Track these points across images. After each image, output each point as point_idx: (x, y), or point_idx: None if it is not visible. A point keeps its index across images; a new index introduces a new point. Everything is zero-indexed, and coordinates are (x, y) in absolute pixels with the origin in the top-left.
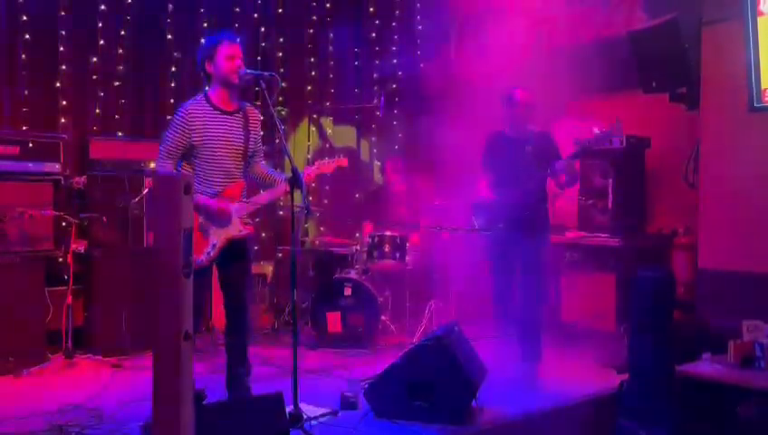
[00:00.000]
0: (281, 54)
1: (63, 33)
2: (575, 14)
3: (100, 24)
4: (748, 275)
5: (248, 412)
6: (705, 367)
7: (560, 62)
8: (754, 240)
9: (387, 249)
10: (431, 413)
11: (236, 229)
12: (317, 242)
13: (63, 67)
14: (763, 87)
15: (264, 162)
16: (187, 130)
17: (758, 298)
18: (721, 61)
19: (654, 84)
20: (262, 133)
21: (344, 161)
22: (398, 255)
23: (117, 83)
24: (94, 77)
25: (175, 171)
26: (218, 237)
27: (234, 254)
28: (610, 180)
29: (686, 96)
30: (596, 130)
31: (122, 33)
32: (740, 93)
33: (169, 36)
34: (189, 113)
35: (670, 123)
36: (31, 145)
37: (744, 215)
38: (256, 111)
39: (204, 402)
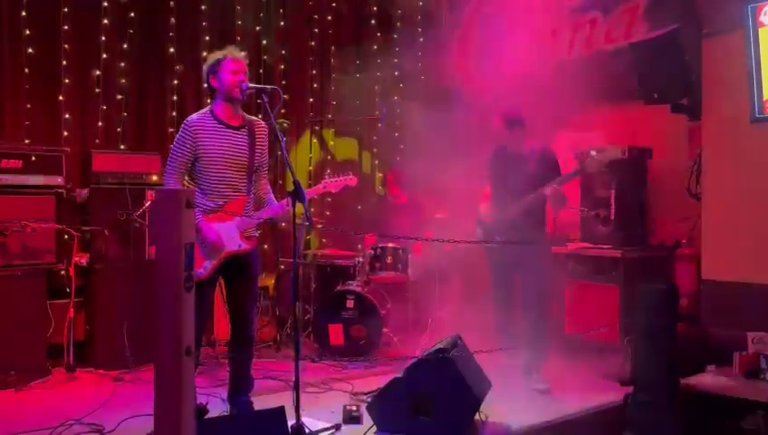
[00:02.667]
0: (283, 67)
1: (66, 46)
2: (576, 27)
3: (103, 38)
4: (753, 287)
5: (250, 427)
6: (710, 379)
7: (561, 74)
8: (759, 251)
9: (389, 261)
10: (435, 427)
11: (236, 244)
12: (319, 254)
13: (66, 81)
14: (765, 98)
15: (266, 180)
16: (191, 145)
17: (763, 309)
18: (722, 72)
19: (655, 96)
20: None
21: (353, 180)
22: (400, 267)
23: (119, 97)
24: (97, 90)
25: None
26: (217, 253)
27: (238, 269)
28: (613, 191)
29: (688, 107)
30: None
31: (124, 46)
32: (742, 104)
33: (171, 49)
34: (193, 128)
35: (672, 134)
36: (33, 158)
37: (748, 225)
38: (263, 125)
39: (205, 417)
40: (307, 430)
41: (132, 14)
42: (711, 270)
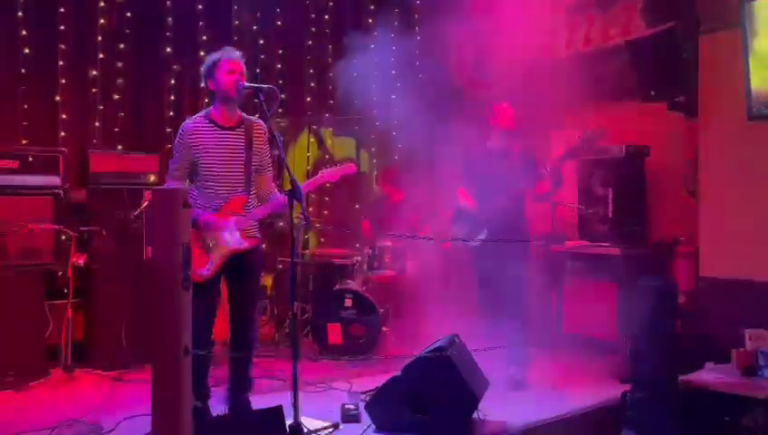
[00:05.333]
0: (280, 66)
1: (63, 47)
2: (573, 25)
3: (100, 38)
4: (750, 284)
5: (248, 426)
6: (708, 376)
7: (559, 72)
8: (757, 248)
9: (387, 259)
10: (433, 425)
11: (237, 242)
12: (317, 253)
13: (63, 81)
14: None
15: (269, 179)
16: (188, 148)
17: (760, 306)
18: (719, 69)
19: (652, 93)
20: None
21: (351, 168)
22: (398, 265)
23: (116, 97)
24: (94, 91)
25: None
26: (219, 251)
27: (239, 267)
28: (610, 189)
29: (685, 104)
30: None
31: (121, 46)
32: (739, 102)
33: (168, 49)
34: (190, 131)
35: (669, 132)
36: (31, 159)
37: (745, 222)
38: (261, 125)
39: (203, 417)
40: (305, 430)
41: (129, 14)
42: (709, 267)
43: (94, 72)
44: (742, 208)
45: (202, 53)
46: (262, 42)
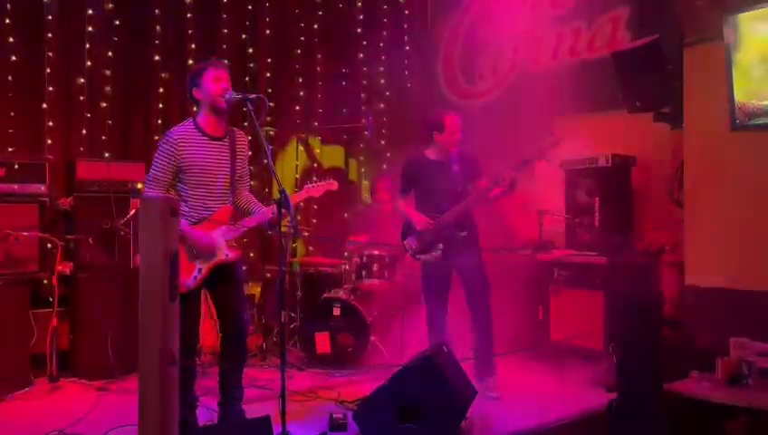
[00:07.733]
0: (269, 75)
1: (50, 54)
2: (560, 35)
3: (87, 46)
4: (735, 292)
5: None
6: (693, 385)
7: (545, 82)
8: (741, 257)
9: (375, 269)
10: (421, 434)
11: (223, 253)
12: (305, 262)
13: (50, 88)
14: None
15: (248, 190)
16: (173, 156)
17: (745, 315)
18: (703, 80)
19: (638, 104)
20: (250, 154)
21: (334, 185)
22: (386, 274)
23: (104, 104)
24: (81, 98)
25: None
26: (204, 262)
27: (224, 278)
28: (597, 198)
29: (670, 115)
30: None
31: (109, 54)
32: (722, 112)
33: (156, 57)
34: (176, 139)
35: (655, 142)
36: (17, 167)
37: (730, 231)
38: (244, 136)
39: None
40: None
41: (117, 22)
42: (694, 276)
43: (81, 80)
44: (726, 218)
45: (190, 62)
46: (251, 50)
